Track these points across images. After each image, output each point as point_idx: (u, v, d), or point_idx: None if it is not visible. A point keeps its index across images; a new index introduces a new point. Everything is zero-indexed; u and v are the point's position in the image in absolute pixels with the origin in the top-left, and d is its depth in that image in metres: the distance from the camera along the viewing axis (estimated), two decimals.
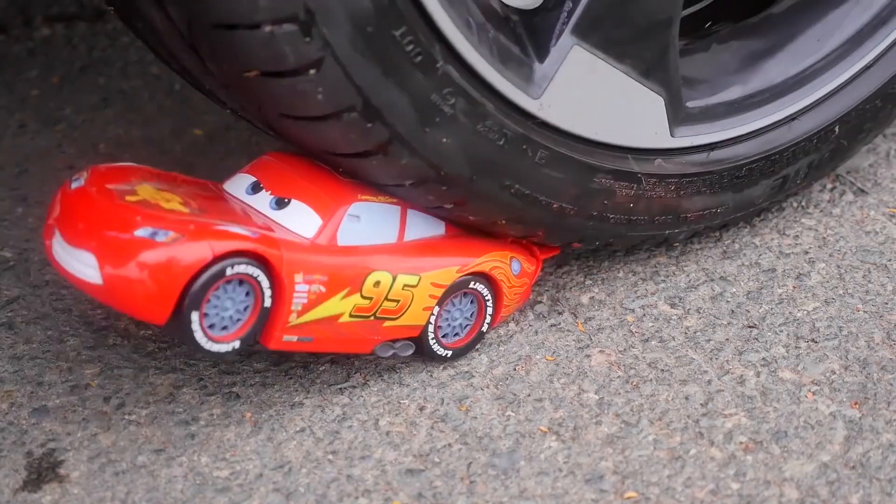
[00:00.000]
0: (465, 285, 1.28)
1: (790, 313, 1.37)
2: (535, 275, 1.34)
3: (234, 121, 1.65)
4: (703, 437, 1.24)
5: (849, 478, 1.20)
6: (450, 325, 1.29)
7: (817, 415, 1.26)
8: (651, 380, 1.30)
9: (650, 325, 1.36)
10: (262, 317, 1.16)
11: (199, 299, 1.11)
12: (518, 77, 1.20)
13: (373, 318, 1.23)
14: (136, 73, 1.77)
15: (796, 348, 1.33)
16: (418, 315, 1.26)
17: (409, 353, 1.27)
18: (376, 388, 1.29)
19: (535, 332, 1.35)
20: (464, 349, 1.31)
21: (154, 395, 1.28)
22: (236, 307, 1.14)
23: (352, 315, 1.21)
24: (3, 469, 1.21)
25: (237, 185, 1.24)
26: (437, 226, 1.28)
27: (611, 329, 1.35)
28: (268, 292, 1.15)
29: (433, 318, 1.27)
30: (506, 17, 1.22)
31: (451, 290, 1.27)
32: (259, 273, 1.13)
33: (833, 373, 1.30)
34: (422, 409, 1.27)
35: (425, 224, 1.27)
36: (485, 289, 1.29)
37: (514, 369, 1.31)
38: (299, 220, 1.20)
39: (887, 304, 1.38)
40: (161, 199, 1.16)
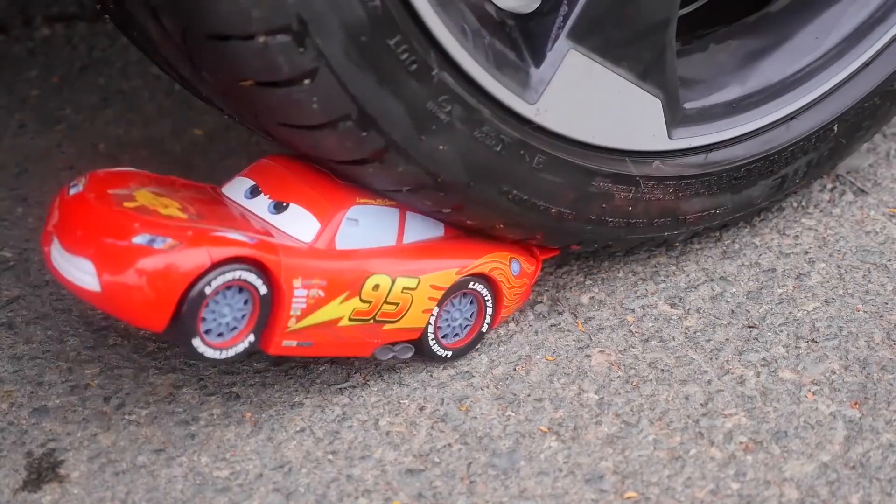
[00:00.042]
0: (465, 286, 1.28)
1: (790, 313, 1.37)
2: (534, 275, 1.34)
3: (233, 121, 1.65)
4: (703, 437, 1.24)
5: (849, 478, 1.20)
6: (449, 326, 1.29)
7: (817, 415, 1.26)
8: (651, 380, 1.30)
9: (650, 325, 1.36)
10: (260, 322, 1.16)
11: (196, 306, 1.11)
12: (514, 82, 1.20)
13: (372, 321, 1.23)
14: (136, 73, 1.77)
15: (796, 348, 1.33)
16: (418, 317, 1.26)
17: (409, 355, 1.27)
18: (376, 388, 1.29)
19: (535, 332, 1.35)
20: (464, 349, 1.31)
21: (154, 395, 1.28)
22: (234, 314, 1.14)
23: (351, 319, 1.21)
24: (3, 469, 1.21)
25: (236, 188, 1.24)
26: (437, 227, 1.28)
27: (611, 329, 1.35)
28: (263, 288, 1.15)
29: (433, 319, 1.27)
30: (501, 22, 1.21)
31: (450, 292, 1.27)
32: (256, 279, 1.14)
33: (833, 373, 1.30)
34: (422, 409, 1.27)
35: (424, 226, 1.27)
36: (484, 289, 1.29)
37: (514, 369, 1.31)
38: (298, 224, 1.20)
39: (887, 304, 1.37)
40: (159, 204, 1.16)
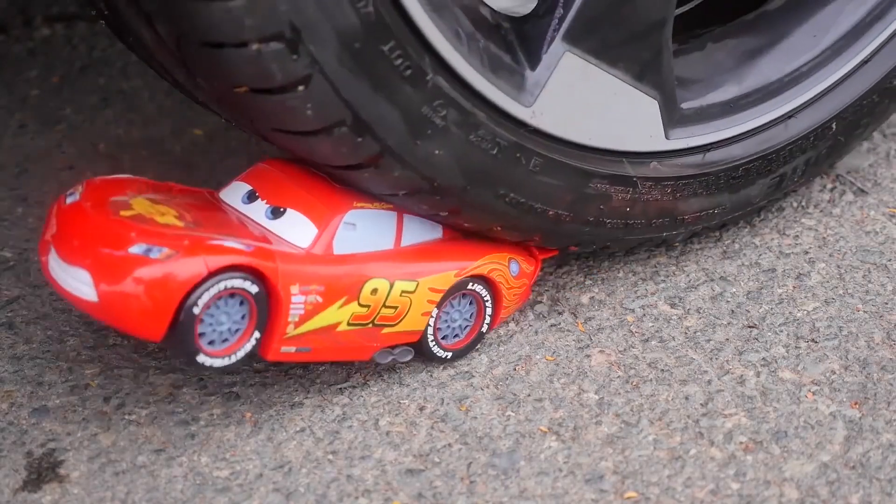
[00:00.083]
0: (463, 286, 1.28)
1: (790, 313, 1.37)
2: (533, 275, 1.34)
3: None
4: (703, 437, 1.24)
5: (849, 478, 1.20)
6: (449, 327, 1.29)
7: (817, 415, 1.26)
8: (651, 380, 1.30)
9: (650, 325, 1.36)
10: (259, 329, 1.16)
11: (194, 315, 1.11)
12: (510, 86, 1.20)
13: (371, 325, 1.22)
14: (136, 73, 1.77)
15: (796, 348, 1.33)
16: (417, 321, 1.25)
17: (408, 358, 1.27)
18: (376, 388, 1.29)
19: (535, 332, 1.35)
20: (464, 350, 1.31)
21: (154, 395, 1.28)
22: (232, 321, 1.14)
23: (350, 323, 1.21)
24: (3, 469, 1.21)
25: (233, 194, 1.24)
26: (435, 229, 1.27)
27: (611, 329, 1.35)
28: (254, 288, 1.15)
29: (432, 320, 1.27)
30: (496, 25, 1.21)
31: (449, 294, 1.27)
32: (252, 285, 1.14)
33: (833, 373, 1.30)
34: (422, 409, 1.27)
35: (422, 228, 1.26)
36: (483, 289, 1.29)
37: (514, 369, 1.31)
38: (295, 229, 1.20)
39: (887, 304, 1.37)
40: (156, 212, 1.16)
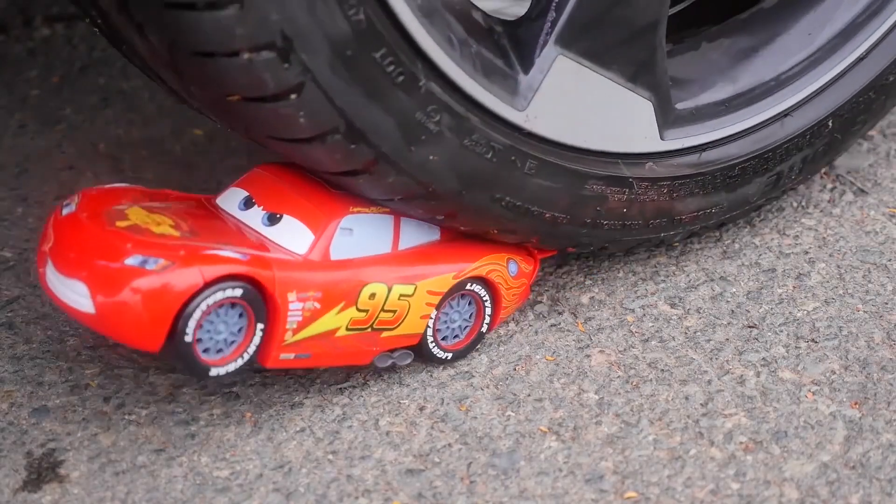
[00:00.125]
0: (462, 287, 1.28)
1: (790, 313, 1.37)
2: (532, 275, 1.34)
3: None
4: (703, 437, 1.24)
5: (849, 478, 1.20)
6: (448, 328, 1.29)
7: (817, 415, 1.26)
8: (651, 380, 1.30)
9: (650, 325, 1.36)
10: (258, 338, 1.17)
11: (191, 325, 1.11)
12: (503, 90, 1.19)
13: (370, 329, 1.22)
14: (136, 73, 1.77)
15: (796, 348, 1.33)
16: (416, 324, 1.25)
17: (408, 361, 1.27)
18: (376, 388, 1.29)
19: (535, 332, 1.35)
20: (463, 351, 1.31)
21: (154, 395, 1.28)
22: (230, 329, 1.14)
23: (348, 329, 1.21)
24: (3, 469, 1.21)
25: (230, 200, 1.24)
26: (432, 231, 1.27)
27: (611, 329, 1.35)
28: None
29: (431, 322, 1.27)
30: (489, 29, 1.21)
31: (447, 296, 1.27)
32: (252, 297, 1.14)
33: (833, 373, 1.30)
34: (422, 409, 1.27)
35: (419, 231, 1.26)
36: (482, 289, 1.29)
37: (514, 369, 1.31)
38: (291, 236, 1.19)
39: (887, 304, 1.37)
40: (152, 222, 1.16)
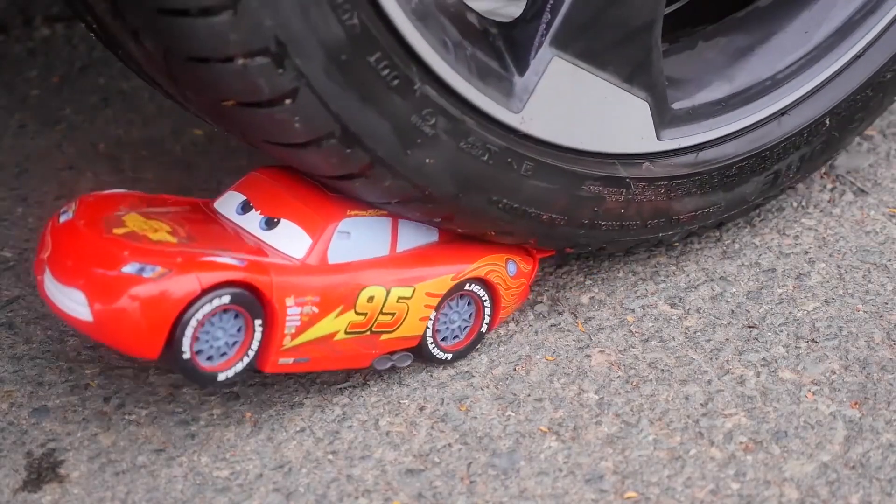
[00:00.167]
0: (461, 288, 1.28)
1: (790, 313, 1.37)
2: (531, 274, 1.34)
3: None
4: (703, 437, 1.24)
5: (849, 478, 1.20)
6: (448, 329, 1.29)
7: (817, 415, 1.26)
8: (651, 380, 1.30)
9: (650, 325, 1.36)
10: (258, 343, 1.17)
11: (189, 332, 1.11)
12: (498, 92, 1.19)
13: (369, 332, 1.22)
14: (135, 74, 1.77)
15: (796, 348, 1.33)
16: (415, 326, 1.25)
17: (408, 363, 1.27)
18: (376, 388, 1.29)
19: (535, 332, 1.35)
20: (463, 351, 1.31)
21: (154, 395, 1.28)
22: (228, 335, 1.14)
23: (347, 332, 1.21)
24: (3, 469, 1.21)
25: (227, 204, 1.24)
26: (430, 233, 1.27)
27: (611, 329, 1.35)
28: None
29: (430, 323, 1.27)
30: (483, 31, 1.20)
31: (446, 297, 1.27)
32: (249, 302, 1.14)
33: (833, 373, 1.30)
34: (422, 409, 1.27)
35: (417, 233, 1.26)
36: (481, 290, 1.29)
37: (514, 369, 1.31)
38: (289, 240, 1.19)
39: (887, 304, 1.37)
40: (149, 228, 1.16)
